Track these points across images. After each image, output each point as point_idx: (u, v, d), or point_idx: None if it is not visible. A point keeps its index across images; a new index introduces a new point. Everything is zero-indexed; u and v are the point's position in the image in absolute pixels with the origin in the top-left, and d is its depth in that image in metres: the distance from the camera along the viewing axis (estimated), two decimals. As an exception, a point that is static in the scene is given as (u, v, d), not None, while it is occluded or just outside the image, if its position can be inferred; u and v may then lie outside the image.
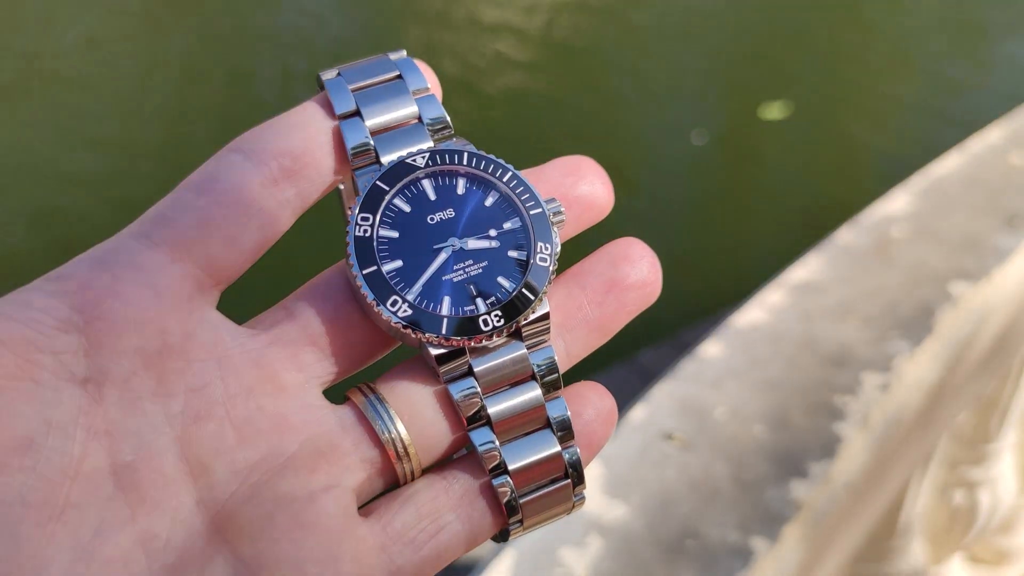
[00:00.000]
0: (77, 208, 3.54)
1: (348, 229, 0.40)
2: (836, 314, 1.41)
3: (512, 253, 0.41)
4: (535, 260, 0.40)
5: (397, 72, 0.42)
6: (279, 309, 0.40)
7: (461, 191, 0.41)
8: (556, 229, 0.41)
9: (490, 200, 0.41)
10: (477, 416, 0.39)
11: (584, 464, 0.41)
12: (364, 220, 0.40)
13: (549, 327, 0.40)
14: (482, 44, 4.40)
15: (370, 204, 0.40)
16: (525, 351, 0.40)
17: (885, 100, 4.39)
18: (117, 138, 3.84)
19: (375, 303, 0.38)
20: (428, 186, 0.41)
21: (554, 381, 0.40)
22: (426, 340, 0.39)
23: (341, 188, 0.43)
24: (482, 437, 0.39)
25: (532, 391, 0.40)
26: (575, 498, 0.42)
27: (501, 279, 0.40)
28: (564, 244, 0.42)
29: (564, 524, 1.10)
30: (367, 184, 0.40)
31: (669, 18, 4.74)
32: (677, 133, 4.15)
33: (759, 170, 4.04)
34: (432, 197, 0.41)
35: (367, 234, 0.40)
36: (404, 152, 0.41)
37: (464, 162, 0.41)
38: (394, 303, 0.39)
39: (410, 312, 0.39)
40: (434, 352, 0.39)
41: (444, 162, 0.41)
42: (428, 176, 0.41)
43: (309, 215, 0.42)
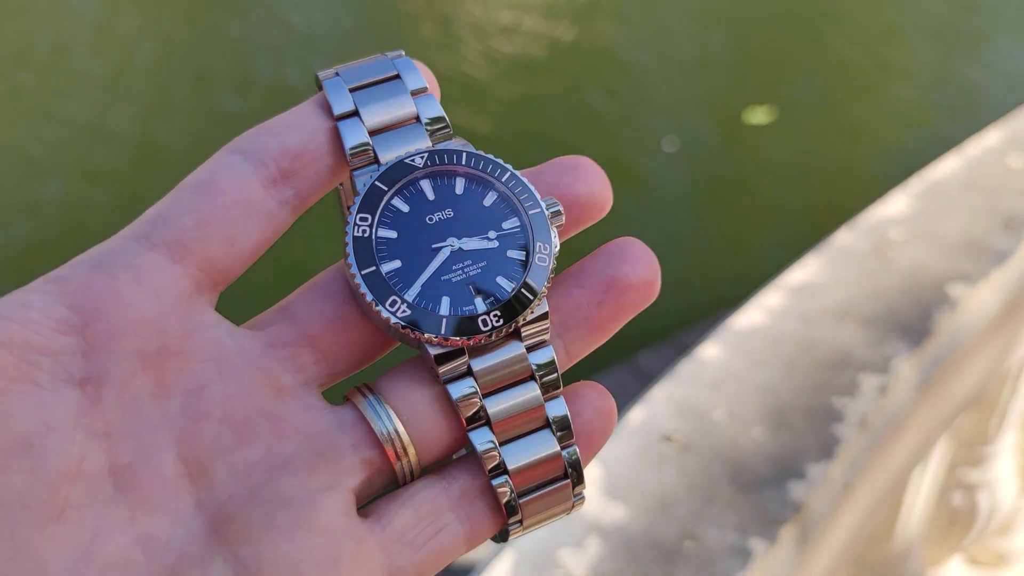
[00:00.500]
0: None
1: (347, 229, 0.40)
2: (835, 316, 1.41)
3: (511, 253, 0.40)
4: (534, 260, 0.40)
5: (395, 72, 0.42)
6: (278, 310, 0.40)
7: (460, 191, 0.41)
8: (555, 229, 0.41)
9: (489, 200, 0.41)
10: (476, 416, 0.39)
11: (584, 464, 0.41)
12: (363, 220, 0.40)
13: (548, 327, 0.40)
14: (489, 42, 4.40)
15: (369, 204, 0.40)
16: (524, 351, 0.40)
17: (886, 101, 4.40)
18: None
19: (374, 303, 0.38)
20: (427, 186, 0.41)
21: (553, 381, 0.40)
22: (425, 340, 0.39)
23: (340, 188, 0.43)
24: (481, 437, 0.39)
25: (531, 391, 0.40)
26: (575, 498, 0.41)
27: (500, 279, 0.40)
28: (563, 244, 0.41)
29: (563, 525, 1.10)
30: (366, 184, 0.40)
31: (671, 20, 4.75)
32: (678, 136, 4.15)
33: (759, 172, 4.04)
34: (431, 197, 0.41)
35: (366, 234, 0.39)
36: (403, 152, 0.41)
37: (463, 162, 0.41)
38: (393, 303, 0.39)
39: (409, 312, 0.39)
40: (433, 352, 0.39)
41: (443, 162, 0.41)
42: (427, 176, 0.41)
43: (307, 215, 0.42)
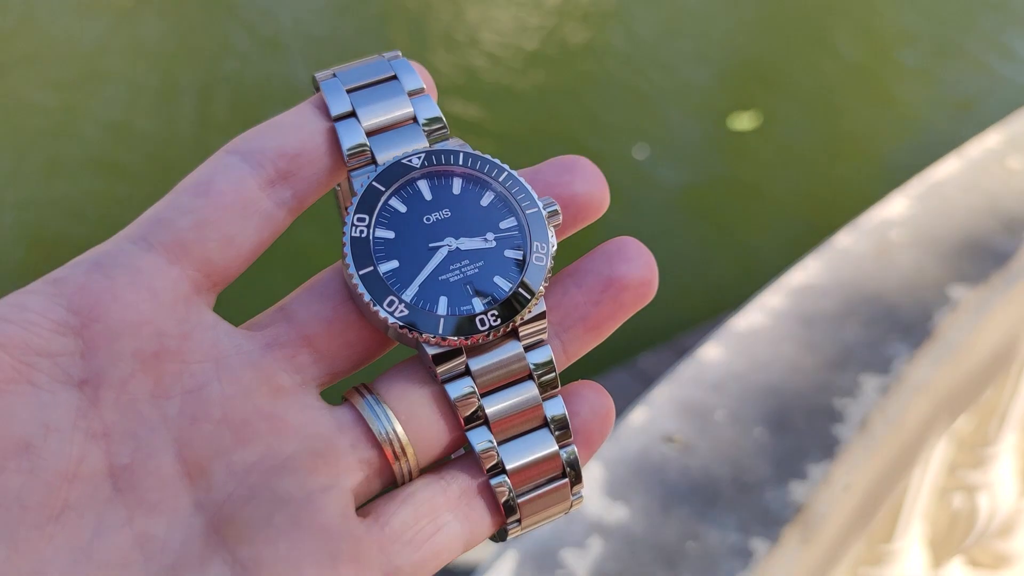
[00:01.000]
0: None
1: (344, 230, 0.40)
2: (835, 317, 1.41)
3: (508, 252, 0.40)
4: (531, 259, 0.40)
5: (392, 73, 0.42)
6: (276, 310, 0.40)
7: (457, 191, 0.41)
8: (552, 228, 0.41)
9: (486, 200, 0.41)
10: (474, 416, 0.39)
11: (582, 463, 0.41)
12: (360, 221, 0.40)
13: (546, 326, 0.40)
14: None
15: (366, 205, 0.40)
16: (522, 350, 0.40)
17: (886, 102, 4.40)
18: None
19: (372, 303, 0.38)
20: (424, 186, 0.41)
21: (551, 380, 0.40)
22: (423, 340, 0.39)
23: (337, 189, 0.43)
24: (479, 437, 0.39)
25: (529, 390, 0.40)
26: (573, 497, 0.41)
27: (498, 278, 0.40)
28: (560, 243, 0.42)
29: (566, 526, 1.10)
30: (363, 185, 0.40)
31: (674, 21, 4.76)
32: (678, 136, 4.15)
33: (759, 174, 4.04)
34: (428, 197, 0.41)
35: (363, 235, 0.40)
36: (400, 152, 0.41)
37: (460, 162, 0.41)
38: (391, 303, 0.39)
39: (407, 312, 0.39)
40: (431, 352, 0.39)
41: (440, 162, 0.41)
42: (424, 176, 0.41)
43: (305, 216, 0.42)
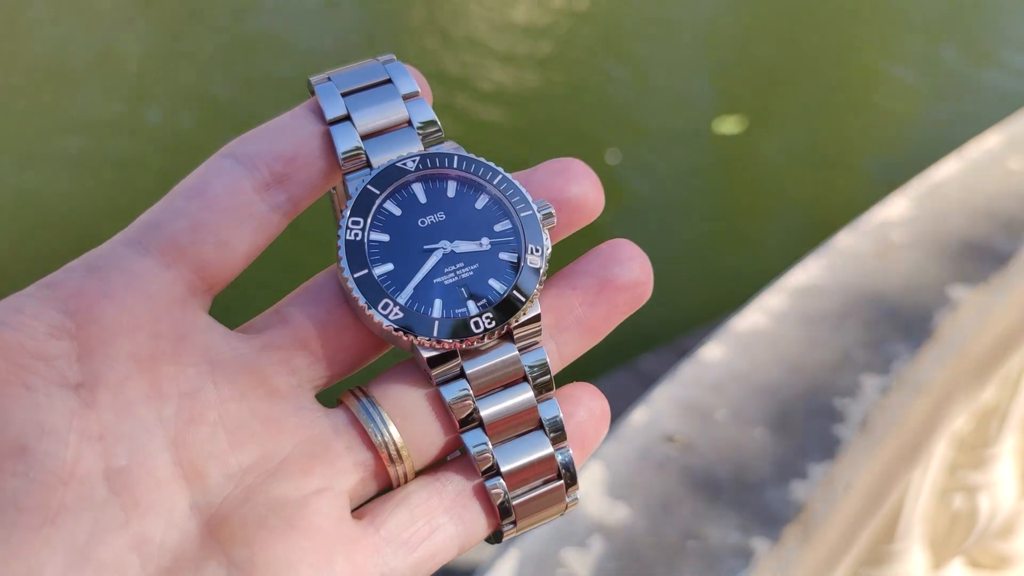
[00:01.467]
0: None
1: (339, 233, 0.40)
2: (836, 317, 1.41)
3: (503, 255, 0.41)
4: (526, 262, 0.40)
5: (387, 76, 0.42)
6: (271, 313, 0.40)
7: (451, 194, 0.41)
8: (546, 231, 0.41)
9: (481, 203, 0.41)
10: (469, 418, 0.39)
11: (577, 465, 0.41)
12: (355, 224, 0.40)
13: (540, 329, 0.40)
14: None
15: (361, 208, 0.40)
16: (517, 353, 0.40)
17: (887, 103, 4.39)
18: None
19: (367, 306, 0.38)
20: (419, 189, 0.41)
21: (546, 382, 0.40)
22: (418, 343, 0.39)
23: (332, 192, 0.43)
24: (475, 439, 0.39)
25: (524, 393, 0.40)
26: (568, 499, 0.42)
27: (492, 281, 0.40)
28: (555, 246, 0.42)
29: (566, 525, 1.10)
30: (358, 188, 0.40)
31: (676, 23, 4.75)
32: (677, 139, 4.15)
33: (759, 175, 4.04)
34: (423, 200, 0.41)
35: (358, 238, 0.40)
36: (394, 156, 0.41)
37: (454, 165, 0.41)
38: (385, 306, 0.39)
39: (401, 315, 0.39)
40: (426, 355, 0.39)
41: (434, 165, 0.41)
42: (418, 179, 0.41)
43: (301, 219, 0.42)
